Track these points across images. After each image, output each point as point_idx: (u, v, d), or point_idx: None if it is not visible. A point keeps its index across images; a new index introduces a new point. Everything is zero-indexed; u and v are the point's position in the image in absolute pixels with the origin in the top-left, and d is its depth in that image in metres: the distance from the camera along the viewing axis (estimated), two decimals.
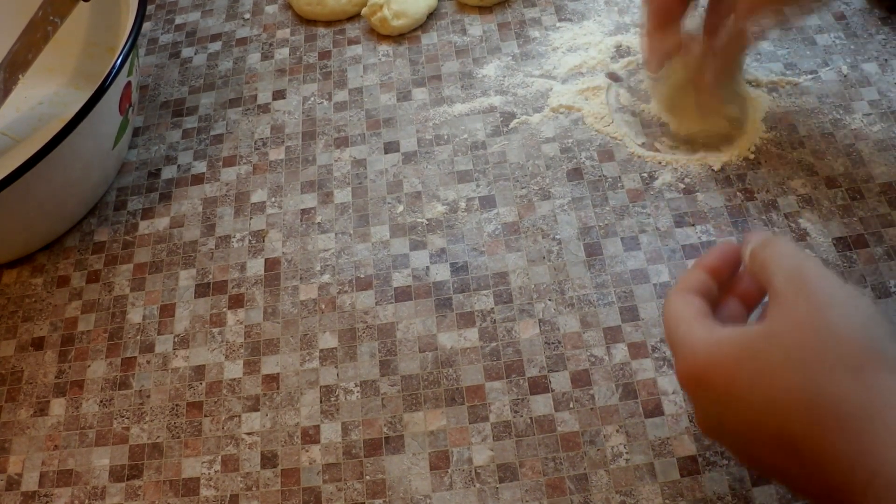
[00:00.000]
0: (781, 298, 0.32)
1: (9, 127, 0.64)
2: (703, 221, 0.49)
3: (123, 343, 0.51)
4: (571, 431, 0.43)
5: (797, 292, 0.32)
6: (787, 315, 0.31)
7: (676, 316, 0.35)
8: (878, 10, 0.57)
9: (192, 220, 0.56)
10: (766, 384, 0.31)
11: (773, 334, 0.31)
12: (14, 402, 0.51)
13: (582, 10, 0.62)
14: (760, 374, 0.31)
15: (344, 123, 0.59)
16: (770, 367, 0.31)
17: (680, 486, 0.41)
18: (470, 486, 0.43)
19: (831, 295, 0.31)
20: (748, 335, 0.32)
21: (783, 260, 0.34)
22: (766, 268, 0.34)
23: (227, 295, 0.52)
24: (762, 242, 0.35)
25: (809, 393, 0.30)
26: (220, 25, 0.69)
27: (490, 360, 0.47)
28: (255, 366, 0.49)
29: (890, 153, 0.50)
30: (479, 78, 0.60)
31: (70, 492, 0.46)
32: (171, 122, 0.63)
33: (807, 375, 0.30)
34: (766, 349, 0.31)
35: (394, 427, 0.45)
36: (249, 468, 0.45)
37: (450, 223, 0.52)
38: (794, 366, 0.30)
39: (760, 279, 0.35)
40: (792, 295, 0.32)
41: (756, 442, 0.32)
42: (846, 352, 0.30)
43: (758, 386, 0.31)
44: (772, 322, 0.32)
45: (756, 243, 0.36)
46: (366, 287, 0.51)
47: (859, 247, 0.47)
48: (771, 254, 0.34)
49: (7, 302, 0.55)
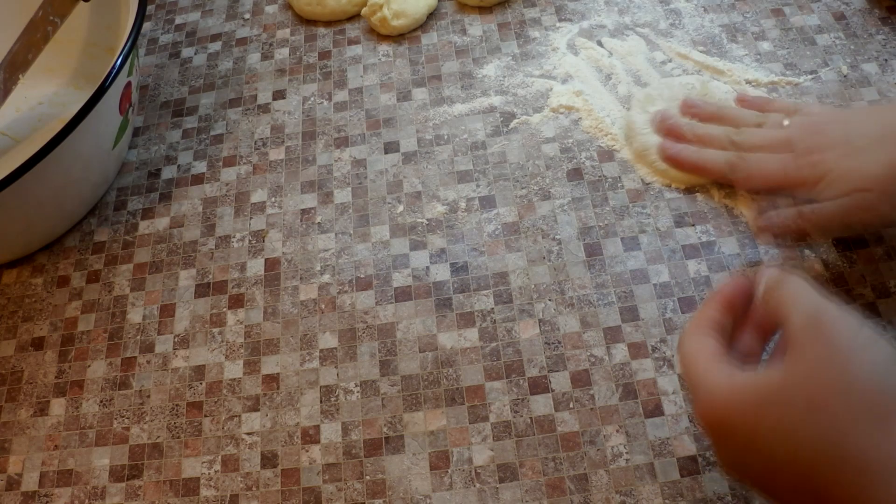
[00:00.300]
0: (799, 342, 0.32)
1: (9, 127, 0.64)
2: (703, 221, 0.49)
3: (123, 343, 0.51)
4: (571, 431, 0.43)
5: (815, 337, 0.31)
6: (806, 361, 0.31)
7: (694, 356, 0.35)
8: (878, 10, 0.57)
9: (192, 220, 0.56)
10: (789, 433, 0.30)
11: (793, 382, 0.31)
12: (14, 402, 0.51)
13: (582, 10, 0.62)
14: (782, 423, 0.31)
15: (344, 123, 0.59)
16: (791, 416, 0.30)
17: (680, 486, 0.41)
18: (470, 486, 0.43)
19: (851, 339, 0.31)
20: (768, 382, 0.32)
21: (799, 300, 0.33)
22: (782, 308, 0.33)
23: (227, 295, 0.52)
24: (776, 280, 0.35)
25: (833, 443, 0.29)
26: (220, 25, 0.69)
27: (490, 360, 0.47)
28: (255, 366, 0.49)
29: None
30: (479, 78, 0.60)
31: (70, 492, 0.46)
32: (171, 122, 0.63)
33: (830, 425, 0.29)
34: (786, 397, 0.31)
35: (394, 427, 0.45)
36: (249, 468, 0.45)
37: (450, 223, 0.52)
38: (813, 413, 0.30)
39: (776, 319, 0.34)
40: (810, 339, 0.31)
41: (779, 486, 0.32)
42: (869, 400, 0.29)
43: (780, 435, 0.31)
44: (791, 368, 0.31)
45: (770, 281, 0.35)
46: (366, 287, 0.51)
47: (859, 247, 0.47)
48: (786, 293, 0.34)
49: (7, 302, 0.55)
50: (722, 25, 0.59)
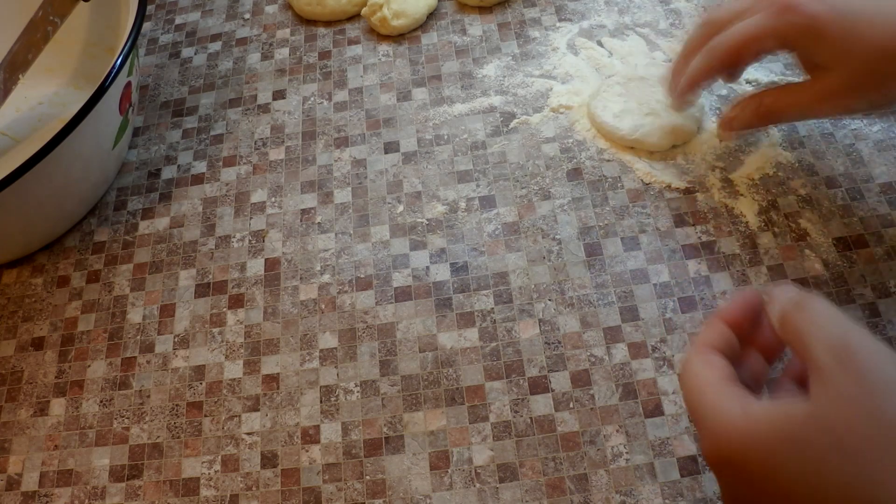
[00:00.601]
0: (825, 375, 0.29)
1: (9, 127, 0.64)
2: (703, 221, 0.49)
3: (123, 343, 0.52)
4: (571, 431, 0.43)
5: (844, 370, 0.28)
6: (834, 395, 0.28)
7: (700, 380, 0.32)
8: None
9: (192, 220, 0.56)
10: (812, 474, 0.28)
11: (818, 417, 0.28)
12: (14, 402, 0.51)
13: (582, 10, 0.62)
14: (805, 463, 0.28)
15: (344, 123, 0.59)
16: (816, 454, 0.28)
17: (680, 486, 0.41)
18: (470, 486, 0.43)
19: (883, 372, 0.28)
20: (789, 415, 0.29)
21: (823, 328, 0.30)
22: (804, 337, 0.30)
23: (227, 295, 0.52)
24: (795, 304, 0.32)
25: (862, 489, 0.27)
26: (220, 25, 0.69)
27: (490, 360, 0.47)
28: (255, 366, 0.49)
29: (890, 153, 0.50)
30: (479, 78, 0.60)
31: (70, 492, 0.46)
32: (171, 122, 0.63)
33: (859, 465, 0.27)
34: (811, 435, 0.28)
35: (394, 427, 0.45)
36: (249, 468, 0.45)
37: (450, 223, 0.52)
38: (843, 454, 0.27)
39: (795, 348, 0.31)
40: (838, 372, 0.28)
41: None
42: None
43: (802, 477, 0.28)
44: (816, 402, 0.28)
45: (787, 305, 0.32)
46: (366, 287, 0.51)
47: (859, 247, 0.47)
48: (808, 320, 0.31)
49: (7, 302, 0.55)
50: None
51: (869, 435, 0.27)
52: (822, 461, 0.28)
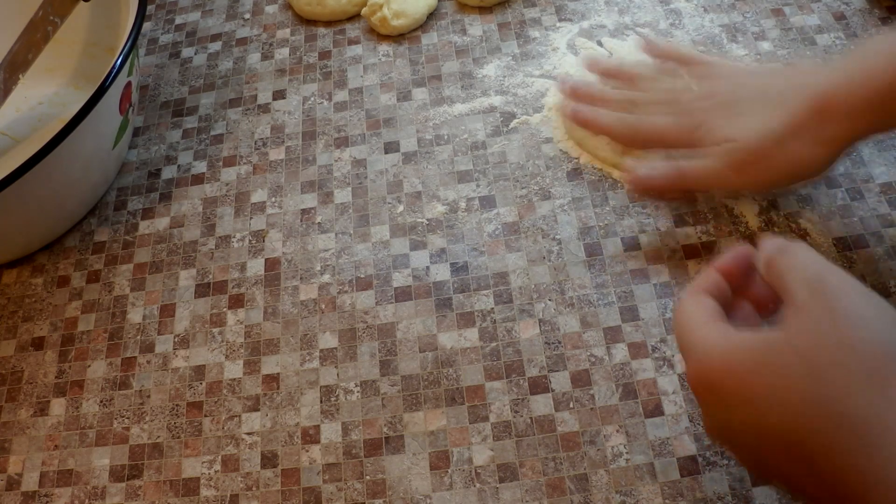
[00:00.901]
0: (800, 306, 0.31)
1: (9, 127, 0.64)
2: (703, 221, 0.49)
3: (123, 343, 0.52)
4: (571, 431, 0.43)
5: (817, 299, 0.31)
6: (807, 324, 0.30)
7: (689, 317, 0.34)
8: (878, 10, 0.57)
9: (192, 220, 0.56)
10: (783, 393, 0.30)
11: (792, 342, 0.30)
12: (14, 402, 0.51)
13: (582, 10, 0.62)
14: (777, 382, 0.30)
15: (344, 123, 0.59)
16: (787, 375, 0.30)
17: (680, 486, 0.41)
18: (470, 486, 0.43)
19: (853, 302, 0.30)
20: (765, 341, 0.31)
21: (802, 267, 0.32)
22: (784, 277, 0.33)
23: (227, 295, 0.52)
24: (779, 249, 0.34)
25: (829, 406, 0.29)
26: (220, 25, 0.69)
27: (490, 360, 0.47)
28: (255, 366, 0.49)
29: (890, 153, 0.50)
30: (479, 78, 0.60)
31: (70, 492, 0.46)
32: (171, 122, 0.63)
33: (827, 387, 0.29)
34: (783, 357, 0.30)
35: (394, 427, 0.45)
36: (249, 468, 0.45)
37: (450, 223, 0.52)
38: (813, 376, 0.29)
39: (777, 288, 0.33)
40: (812, 304, 0.31)
41: (766, 448, 0.31)
42: (870, 364, 0.29)
43: (773, 394, 0.30)
44: (790, 329, 0.31)
45: (772, 250, 0.34)
46: (366, 287, 0.51)
47: (859, 247, 0.47)
48: (789, 262, 0.33)
49: (7, 302, 0.55)
50: (722, 25, 0.59)
51: (837, 360, 0.29)
52: (791, 380, 0.30)
